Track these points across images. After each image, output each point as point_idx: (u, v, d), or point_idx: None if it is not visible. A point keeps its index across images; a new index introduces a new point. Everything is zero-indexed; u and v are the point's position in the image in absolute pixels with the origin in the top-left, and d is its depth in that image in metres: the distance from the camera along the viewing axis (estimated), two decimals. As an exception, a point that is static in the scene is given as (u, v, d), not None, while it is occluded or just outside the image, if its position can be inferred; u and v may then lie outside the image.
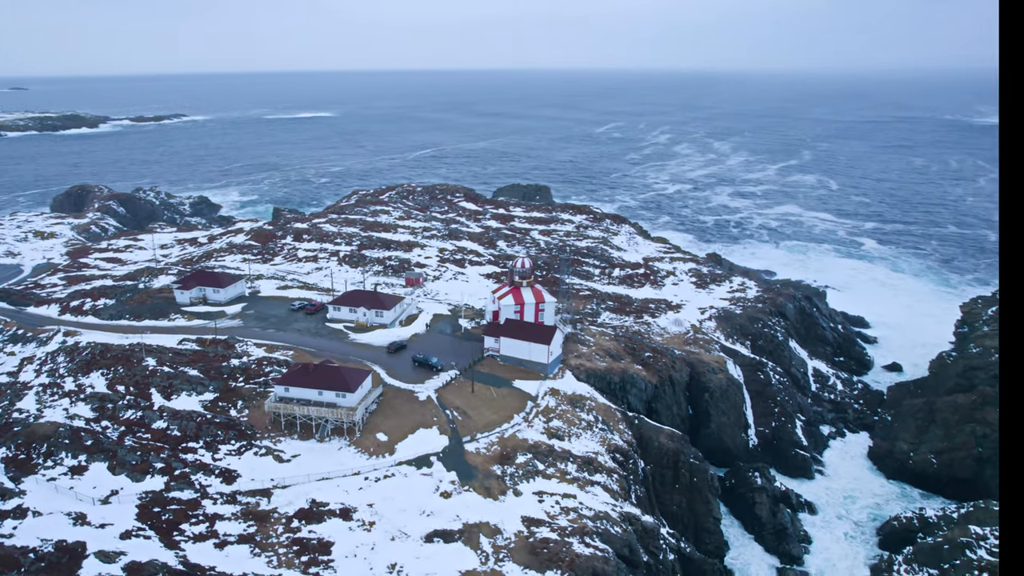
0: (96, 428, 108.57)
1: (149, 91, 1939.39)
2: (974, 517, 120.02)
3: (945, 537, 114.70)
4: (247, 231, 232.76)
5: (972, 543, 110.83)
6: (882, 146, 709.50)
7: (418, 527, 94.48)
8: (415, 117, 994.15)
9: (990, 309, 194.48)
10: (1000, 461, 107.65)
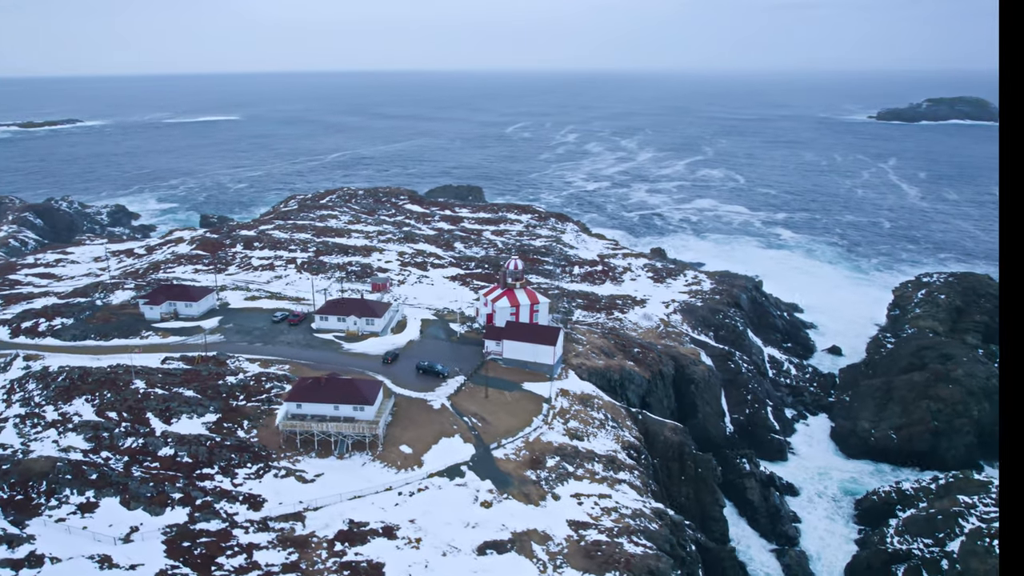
0: (97, 460, 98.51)
1: (37, 95, 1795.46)
2: (956, 488, 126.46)
3: (938, 507, 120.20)
4: (189, 240, 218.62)
5: (964, 512, 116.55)
6: (772, 142, 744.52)
7: (467, 540, 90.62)
8: (319, 121, 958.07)
9: (919, 293, 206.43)
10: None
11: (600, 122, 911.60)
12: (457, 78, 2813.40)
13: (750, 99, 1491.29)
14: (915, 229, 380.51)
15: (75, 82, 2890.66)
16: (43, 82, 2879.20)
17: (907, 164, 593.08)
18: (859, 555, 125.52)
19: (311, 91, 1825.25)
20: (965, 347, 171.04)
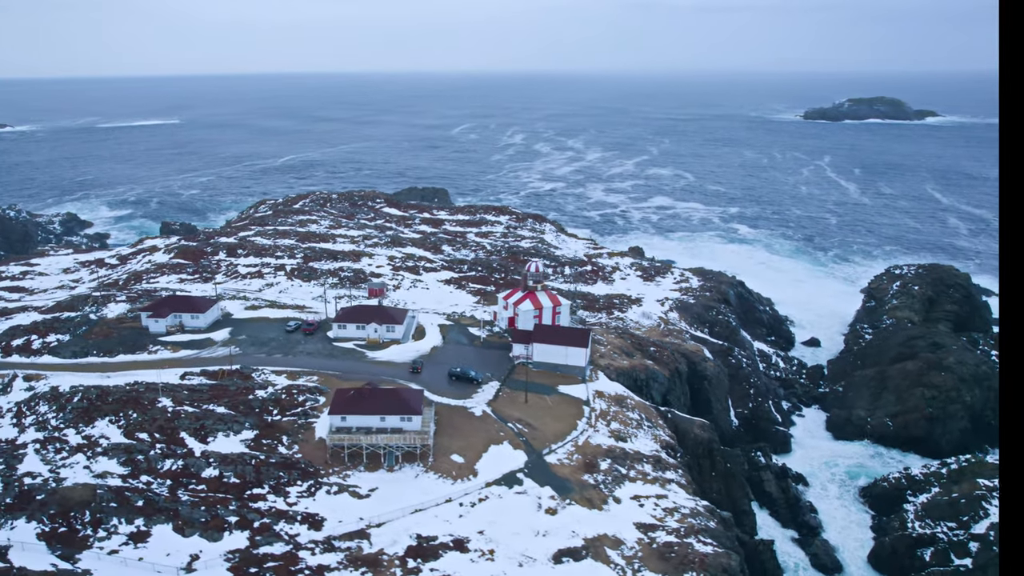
0: (138, 485, 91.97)
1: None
2: (970, 472, 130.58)
3: (960, 491, 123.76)
4: (164, 248, 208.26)
5: (986, 495, 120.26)
6: (712, 140, 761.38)
7: (540, 549, 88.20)
8: (255, 125, 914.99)
9: (894, 284, 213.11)
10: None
11: (543, 123, 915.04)
12: (388, 80, 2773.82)
13: (683, 99, 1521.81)
14: (860, 223, 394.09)
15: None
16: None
17: (841, 161, 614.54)
18: (882, 541, 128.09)
19: (244, 94, 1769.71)
20: (952, 336, 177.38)
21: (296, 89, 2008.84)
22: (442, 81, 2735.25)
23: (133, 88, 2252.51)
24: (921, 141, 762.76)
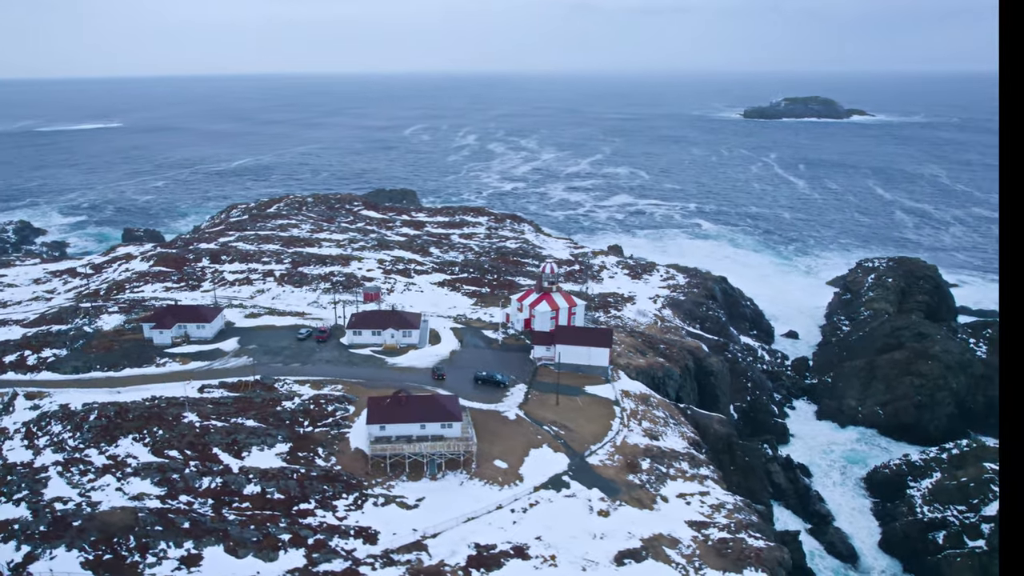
0: (179, 506, 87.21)
1: None
2: (972, 457, 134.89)
3: (968, 475, 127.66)
4: (141, 256, 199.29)
5: (994, 478, 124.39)
6: (661, 138, 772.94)
7: (600, 552, 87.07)
8: (198, 129, 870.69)
9: (869, 277, 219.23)
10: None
11: (494, 123, 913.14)
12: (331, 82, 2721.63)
13: (627, 99, 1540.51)
14: (813, 217, 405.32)
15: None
16: None
17: (785, 157, 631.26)
18: (893, 526, 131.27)
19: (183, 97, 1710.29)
20: (935, 326, 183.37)
21: (237, 91, 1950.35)
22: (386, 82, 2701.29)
23: (68, 90, 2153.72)
24: (855, 139, 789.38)
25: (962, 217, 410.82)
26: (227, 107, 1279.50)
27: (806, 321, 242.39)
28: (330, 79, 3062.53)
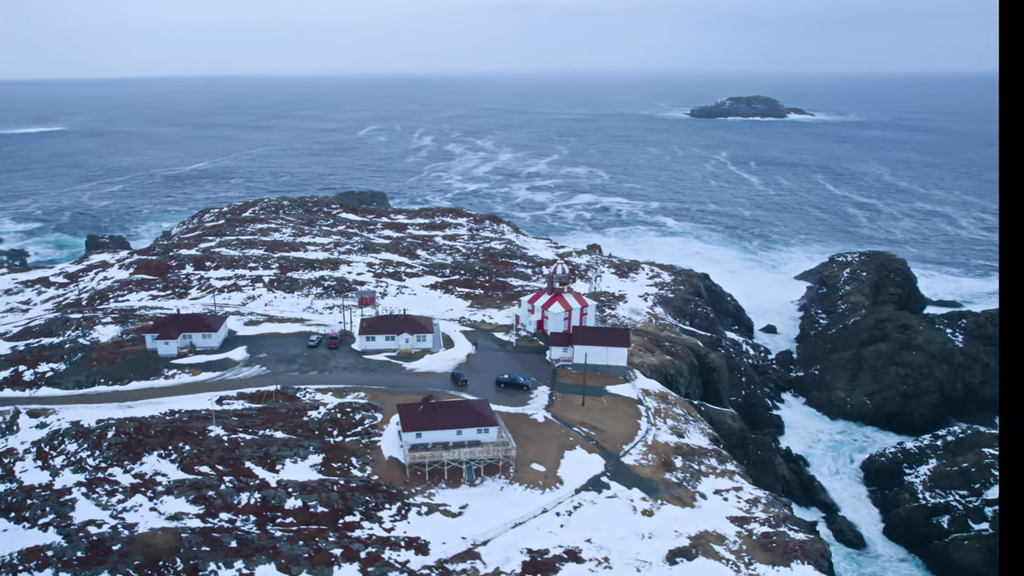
0: (221, 524, 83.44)
1: None
2: (968, 443, 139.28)
3: (968, 461, 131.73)
4: (119, 264, 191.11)
5: (995, 463, 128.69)
6: (613, 138, 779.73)
7: (651, 551, 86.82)
8: (134, 132, 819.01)
9: (844, 271, 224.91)
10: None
11: (447, 124, 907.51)
12: (266, 85, 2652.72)
13: (572, 99, 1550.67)
14: (772, 213, 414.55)
15: None
16: None
17: (737, 155, 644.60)
18: (897, 512, 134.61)
19: (120, 100, 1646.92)
20: (917, 317, 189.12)
21: (178, 94, 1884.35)
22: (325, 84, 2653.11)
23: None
24: (799, 137, 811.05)
25: (909, 212, 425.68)
26: (170, 110, 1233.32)
27: (781, 315, 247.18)
28: (267, 81, 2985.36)
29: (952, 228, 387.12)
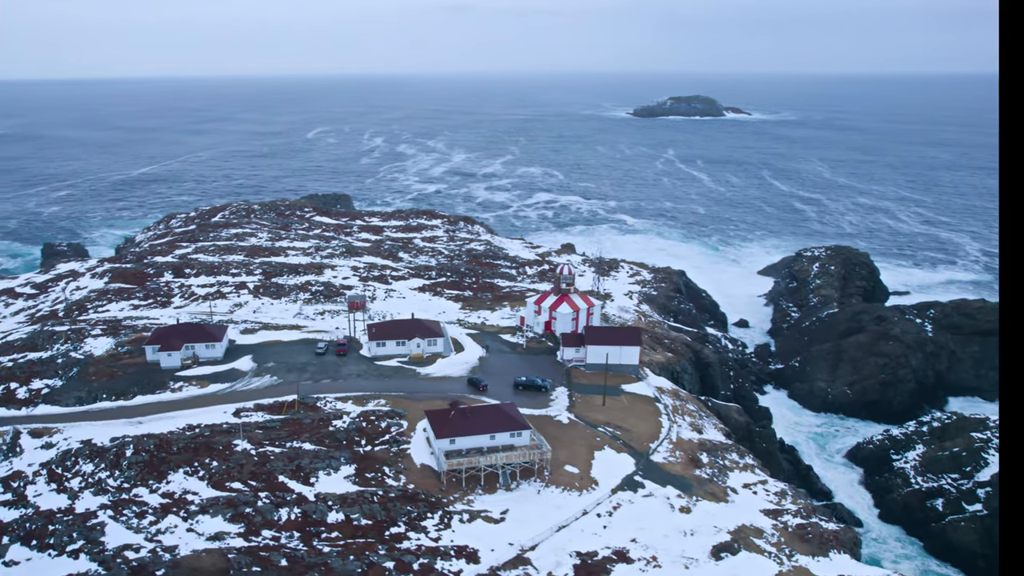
0: (266, 542, 79.93)
1: None
2: (954, 428, 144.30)
3: (959, 446, 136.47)
4: (91, 272, 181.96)
5: (984, 447, 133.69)
6: (562, 137, 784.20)
7: (696, 548, 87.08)
8: (69, 137, 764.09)
9: (814, 266, 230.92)
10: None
11: (397, 124, 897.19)
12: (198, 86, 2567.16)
13: (516, 99, 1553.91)
14: (726, 210, 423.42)
15: None
16: None
17: (683, 154, 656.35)
18: (892, 497, 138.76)
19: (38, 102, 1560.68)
20: (891, 309, 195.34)
21: (100, 97, 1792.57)
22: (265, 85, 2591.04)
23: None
24: (740, 135, 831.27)
25: (852, 207, 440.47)
26: (104, 113, 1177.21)
27: (750, 309, 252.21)
28: (201, 83, 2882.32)
29: (894, 222, 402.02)
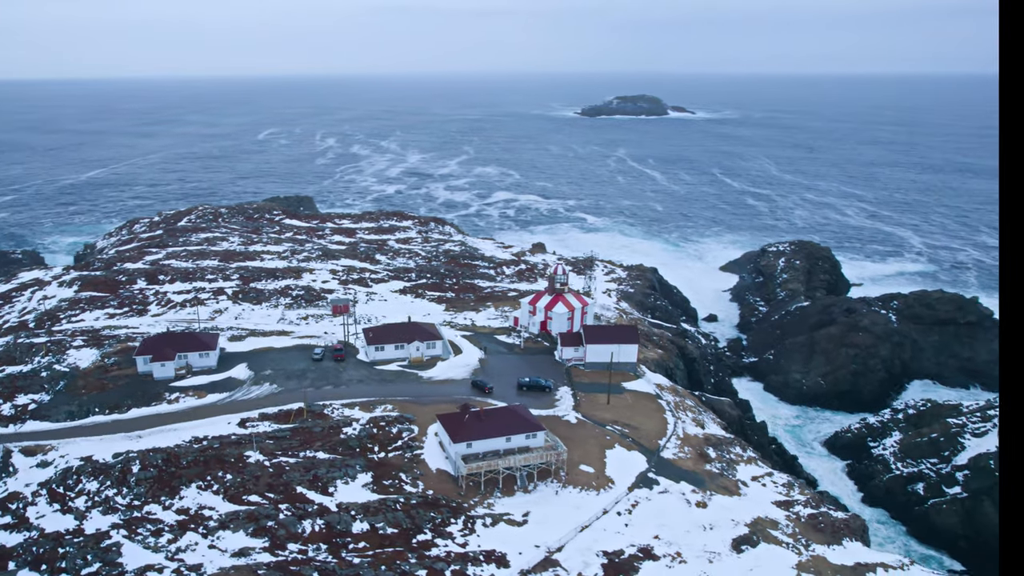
0: (294, 556, 77.28)
1: None
2: (930, 415, 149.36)
3: (936, 431, 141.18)
4: (56, 281, 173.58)
5: (960, 431, 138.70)
6: (515, 137, 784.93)
7: (717, 542, 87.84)
8: (3, 140, 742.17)
9: (780, 261, 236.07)
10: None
11: (348, 125, 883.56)
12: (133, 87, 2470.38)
13: (463, 100, 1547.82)
14: (682, 207, 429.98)
15: None
16: None
17: (634, 153, 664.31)
18: (875, 483, 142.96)
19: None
20: (859, 301, 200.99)
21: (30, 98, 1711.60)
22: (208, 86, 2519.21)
23: None
24: (687, 134, 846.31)
25: (800, 202, 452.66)
26: (37, 116, 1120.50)
27: (717, 304, 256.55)
28: (136, 84, 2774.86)
29: (841, 217, 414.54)
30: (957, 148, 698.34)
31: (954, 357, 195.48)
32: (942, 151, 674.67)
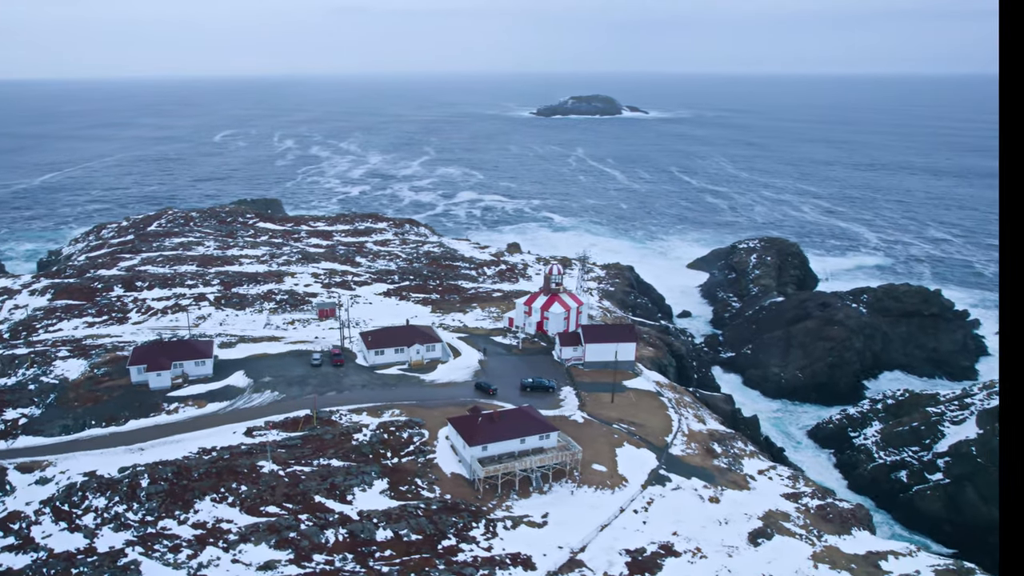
0: (321, 567, 75.40)
1: None
2: (909, 405, 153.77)
3: (917, 420, 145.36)
4: (27, 289, 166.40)
5: (940, 419, 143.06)
6: (474, 137, 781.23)
7: (734, 536, 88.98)
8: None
9: (752, 257, 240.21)
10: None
11: (305, 127, 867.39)
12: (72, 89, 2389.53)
13: (418, 100, 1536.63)
14: (645, 205, 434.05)
15: None
16: None
17: (593, 152, 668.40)
18: (859, 472, 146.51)
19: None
20: (833, 296, 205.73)
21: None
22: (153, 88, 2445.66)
23: None
24: (642, 133, 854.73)
25: (759, 200, 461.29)
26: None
27: (688, 301, 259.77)
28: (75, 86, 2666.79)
29: (799, 213, 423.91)
30: (907, 147, 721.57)
31: (920, 348, 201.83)
32: (892, 151, 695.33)
